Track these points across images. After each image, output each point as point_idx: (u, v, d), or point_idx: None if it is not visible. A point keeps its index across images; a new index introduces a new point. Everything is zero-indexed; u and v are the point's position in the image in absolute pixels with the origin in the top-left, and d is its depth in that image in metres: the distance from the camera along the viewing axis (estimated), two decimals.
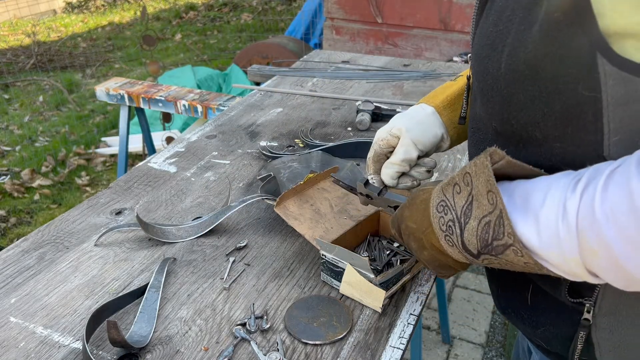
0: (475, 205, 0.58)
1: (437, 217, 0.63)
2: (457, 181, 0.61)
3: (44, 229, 1.07)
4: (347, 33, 3.48)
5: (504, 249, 0.56)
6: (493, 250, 0.58)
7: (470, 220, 0.59)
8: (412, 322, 0.85)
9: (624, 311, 0.61)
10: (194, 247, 1.02)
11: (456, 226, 0.61)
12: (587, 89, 0.53)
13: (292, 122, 1.56)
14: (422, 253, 0.70)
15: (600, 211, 0.48)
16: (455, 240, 0.61)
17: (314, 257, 1.00)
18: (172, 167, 1.31)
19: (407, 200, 0.74)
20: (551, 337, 0.69)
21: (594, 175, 0.51)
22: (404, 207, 0.73)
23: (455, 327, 2.27)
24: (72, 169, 3.51)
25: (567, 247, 0.51)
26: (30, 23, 7.02)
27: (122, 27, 7.07)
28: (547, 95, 0.56)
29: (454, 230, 0.61)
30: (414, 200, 0.71)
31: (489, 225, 0.57)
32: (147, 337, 0.80)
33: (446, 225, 0.62)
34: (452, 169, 1.30)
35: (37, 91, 4.81)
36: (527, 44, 0.55)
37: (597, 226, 0.48)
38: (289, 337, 0.82)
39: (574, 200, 0.50)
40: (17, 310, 0.87)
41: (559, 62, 0.54)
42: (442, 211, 0.62)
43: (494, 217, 0.56)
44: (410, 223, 0.70)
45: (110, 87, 2.14)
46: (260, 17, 6.79)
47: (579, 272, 0.53)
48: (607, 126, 0.53)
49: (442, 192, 0.63)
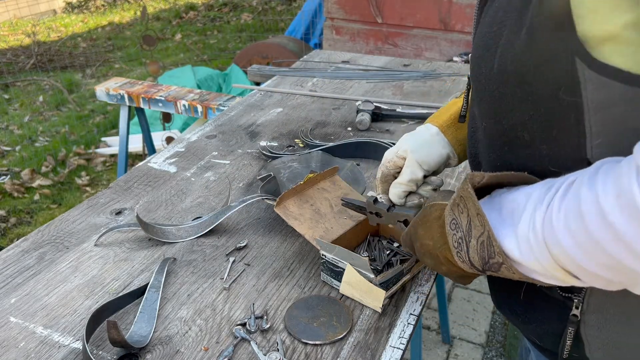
0: (473, 226, 0.61)
1: (451, 234, 0.65)
2: (457, 202, 0.63)
3: (44, 229, 1.07)
4: (347, 33, 3.48)
5: (499, 267, 0.59)
6: (491, 267, 0.60)
7: (472, 239, 0.61)
8: (412, 322, 0.85)
9: (611, 309, 0.61)
10: (194, 247, 1.02)
11: (463, 244, 0.63)
12: (568, 94, 0.54)
13: (292, 122, 1.56)
14: (440, 268, 0.71)
15: (556, 220, 0.51)
16: (464, 257, 0.64)
17: (314, 257, 1.00)
18: (172, 167, 1.31)
19: (418, 218, 0.74)
20: (543, 334, 0.70)
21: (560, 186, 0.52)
22: (416, 225, 0.74)
23: (455, 327, 2.27)
24: (72, 169, 3.51)
25: (540, 256, 0.54)
26: (30, 23, 7.02)
27: (122, 27, 7.07)
28: (533, 98, 0.57)
29: (462, 247, 0.63)
30: (426, 217, 0.72)
31: (483, 244, 0.60)
32: (147, 337, 0.80)
33: (457, 242, 0.64)
34: (452, 169, 1.30)
35: (37, 91, 4.81)
36: (516, 47, 0.56)
37: (555, 234, 0.51)
38: (289, 337, 0.82)
39: (541, 211, 0.53)
40: (17, 310, 0.87)
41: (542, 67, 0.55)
42: (455, 229, 0.64)
43: (485, 237, 0.59)
44: (426, 241, 0.71)
45: (110, 87, 2.14)
46: (260, 17, 6.79)
47: (561, 276, 0.54)
48: (589, 129, 0.54)
49: (451, 210, 0.64)
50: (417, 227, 0.73)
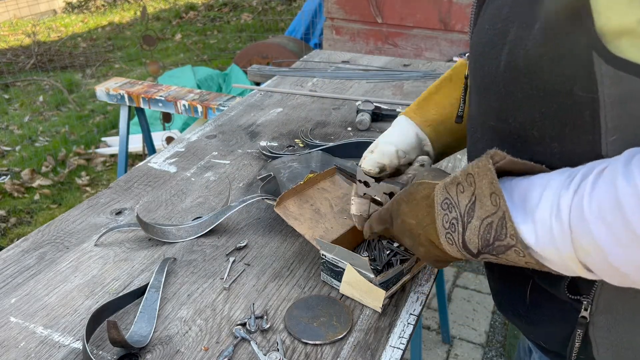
0: (478, 206, 0.59)
1: (442, 214, 0.64)
2: (460, 180, 0.61)
3: (44, 229, 1.07)
4: (347, 33, 3.48)
5: (506, 249, 0.57)
6: (494, 250, 0.59)
7: (473, 220, 0.59)
8: (412, 322, 0.85)
9: (621, 309, 0.61)
10: (194, 247, 1.02)
11: (459, 224, 0.61)
12: (584, 90, 0.53)
13: (292, 122, 1.56)
14: (417, 249, 0.71)
15: (589, 210, 0.49)
16: (456, 239, 0.62)
17: (314, 257, 1.00)
18: (172, 167, 1.31)
19: (403, 195, 0.72)
20: (549, 335, 0.69)
21: (587, 173, 0.51)
22: (400, 201, 0.72)
23: (455, 327, 2.28)
24: (72, 169, 3.51)
25: (561, 245, 0.52)
26: (30, 23, 7.02)
27: (122, 27, 7.07)
28: (545, 94, 0.56)
29: (457, 228, 0.62)
30: (413, 195, 0.70)
31: (490, 226, 0.58)
32: (147, 337, 0.80)
33: (449, 223, 0.63)
34: (452, 169, 1.30)
35: (37, 91, 4.81)
36: (527, 42, 0.55)
37: (586, 225, 0.49)
38: (289, 337, 0.82)
39: (567, 198, 0.51)
40: (17, 310, 0.87)
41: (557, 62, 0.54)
42: (447, 209, 0.63)
43: (497, 218, 0.57)
44: (409, 219, 0.70)
45: (110, 87, 2.14)
46: (260, 17, 6.79)
47: (576, 269, 0.53)
48: (605, 126, 0.53)
49: (445, 190, 0.63)
50: (400, 203, 0.72)
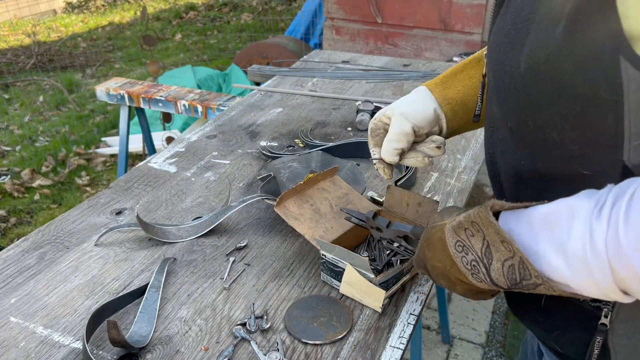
0: (494, 250, 0.58)
1: (459, 256, 0.62)
2: (466, 226, 0.60)
3: (44, 229, 1.07)
4: (347, 33, 3.47)
5: (535, 287, 0.56)
6: (524, 287, 0.57)
7: (494, 262, 0.58)
8: (412, 322, 0.85)
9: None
10: (194, 247, 1.02)
11: (480, 266, 0.60)
12: (609, 93, 0.51)
13: (292, 122, 1.56)
14: (455, 288, 0.68)
15: (626, 242, 0.47)
16: (484, 278, 0.61)
17: (314, 257, 1.00)
18: (172, 167, 1.31)
19: (424, 240, 0.71)
20: (566, 341, 0.68)
21: (617, 200, 0.49)
22: (423, 247, 0.71)
23: (455, 327, 2.27)
24: (72, 169, 3.51)
25: (600, 277, 0.50)
26: (31, 23, 7.02)
27: (122, 27, 7.07)
28: (567, 97, 0.54)
29: (479, 269, 0.60)
30: (430, 239, 0.69)
31: (513, 267, 0.56)
32: (147, 337, 0.80)
33: (470, 265, 0.61)
34: (452, 169, 1.30)
35: (37, 91, 4.81)
36: (549, 43, 0.54)
37: (626, 259, 0.47)
38: (289, 337, 0.82)
39: (601, 231, 0.49)
40: (17, 310, 0.87)
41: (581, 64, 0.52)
42: (462, 251, 0.61)
43: (516, 261, 0.56)
44: (435, 262, 0.68)
45: (111, 87, 2.14)
46: (260, 17, 6.79)
47: (615, 296, 0.52)
48: (628, 131, 0.52)
49: (454, 232, 0.62)
50: (424, 248, 0.71)
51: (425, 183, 1.24)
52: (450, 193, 1.20)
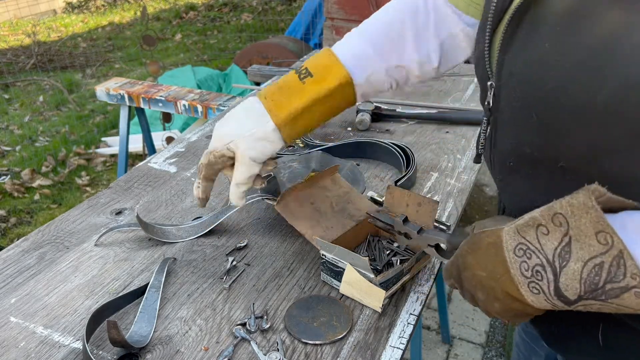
0: (577, 247, 0.52)
1: (518, 262, 0.57)
2: (541, 222, 0.54)
3: (44, 229, 1.07)
4: None
5: (622, 292, 0.51)
6: (604, 294, 0.52)
7: (570, 263, 0.53)
8: (412, 322, 0.85)
9: None
10: (194, 247, 1.02)
11: (547, 271, 0.55)
12: None
13: None
14: (492, 305, 0.63)
15: None
16: (545, 287, 0.55)
17: (314, 257, 1.00)
18: (172, 167, 1.31)
19: (467, 246, 0.66)
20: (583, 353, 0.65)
21: None
22: (465, 253, 0.66)
23: (455, 327, 2.28)
24: (72, 169, 3.51)
25: None
26: (31, 23, 7.02)
27: (122, 27, 7.07)
28: None
29: (544, 275, 0.55)
30: (477, 244, 0.63)
31: (600, 267, 0.51)
32: (147, 337, 0.80)
33: (532, 271, 0.56)
34: (452, 169, 1.30)
35: (37, 91, 4.81)
36: None
37: None
38: (289, 337, 0.82)
39: None
40: (17, 310, 0.87)
41: None
42: (523, 255, 0.56)
43: (609, 257, 0.50)
44: (478, 271, 0.63)
45: (111, 87, 2.14)
46: (260, 17, 6.79)
47: None
48: None
49: (517, 234, 0.57)
50: (465, 255, 0.65)
51: (425, 183, 1.24)
52: (451, 193, 1.20)
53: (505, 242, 0.58)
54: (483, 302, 0.65)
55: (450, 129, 1.50)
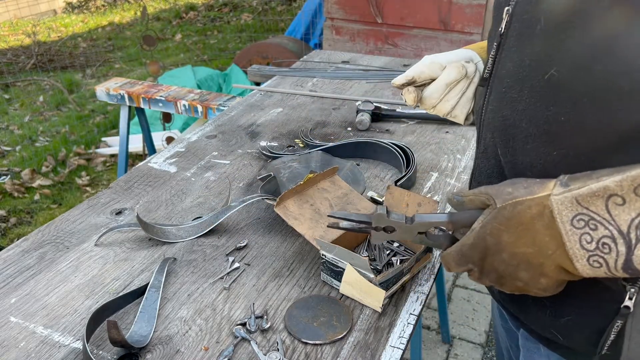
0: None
1: (577, 233, 0.52)
2: (616, 192, 0.50)
3: (44, 229, 1.07)
4: (347, 33, 3.47)
5: None
6: None
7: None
8: (412, 322, 0.85)
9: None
10: (194, 247, 1.02)
11: (618, 243, 0.51)
12: None
13: (292, 122, 1.56)
14: (537, 282, 0.58)
15: None
16: (612, 260, 0.51)
17: (314, 257, 1.00)
18: (172, 167, 1.31)
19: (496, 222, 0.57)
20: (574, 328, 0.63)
21: None
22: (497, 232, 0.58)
23: (455, 327, 2.28)
24: (72, 169, 3.51)
25: None
26: (31, 23, 7.02)
27: (122, 27, 7.07)
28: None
29: (614, 247, 0.51)
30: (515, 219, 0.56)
31: None
32: (147, 337, 0.81)
33: (598, 243, 0.51)
34: (452, 169, 1.30)
35: (37, 91, 4.81)
36: None
37: None
38: (289, 336, 0.82)
39: None
40: (17, 310, 0.87)
41: None
42: (585, 226, 0.52)
43: None
44: (522, 249, 0.56)
45: (111, 87, 2.14)
46: (260, 17, 6.79)
47: None
48: None
49: (577, 204, 0.52)
50: (498, 234, 0.58)
51: (425, 183, 1.24)
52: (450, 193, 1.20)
53: (557, 213, 0.52)
54: (525, 282, 0.59)
55: (450, 129, 1.50)
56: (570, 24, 0.56)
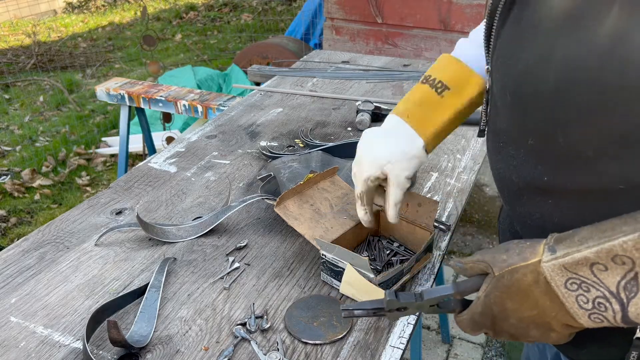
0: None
1: (573, 295, 0.54)
2: (596, 261, 0.51)
3: (44, 229, 1.07)
4: (347, 33, 3.47)
5: None
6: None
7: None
8: (412, 322, 0.85)
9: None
10: (194, 247, 1.02)
11: (612, 302, 0.52)
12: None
13: (292, 122, 1.57)
14: (549, 337, 0.60)
15: None
16: (611, 317, 0.53)
17: (314, 257, 1.00)
18: (172, 167, 1.31)
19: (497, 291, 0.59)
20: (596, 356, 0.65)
21: None
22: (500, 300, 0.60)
23: (455, 327, 2.27)
24: (72, 169, 3.51)
25: None
26: (31, 23, 7.02)
27: (122, 27, 7.07)
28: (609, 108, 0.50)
29: (609, 306, 0.52)
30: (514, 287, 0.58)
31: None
32: (147, 337, 0.81)
33: (593, 302, 0.53)
34: (452, 169, 1.30)
35: (37, 91, 4.81)
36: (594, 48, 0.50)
37: None
38: (289, 336, 0.82)
39: None
40: (17, 310, 0.87)
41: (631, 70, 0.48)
42: (579, 288, 0.53)
43: None
44: (526, 313, 0.58)
45: (111, 87, 2.14)
46: (260, 17, 6.79)
47: None
48: None
49: (565, 270, 0.53)
50: (502, 303, 0.60)
51: (425, 183, 1.24)
52: (450, 193, 1.20)
53: (551, 279, 0.54)
54: (537, 338, 0.61)
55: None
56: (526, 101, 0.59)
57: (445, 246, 1.03)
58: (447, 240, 1.05)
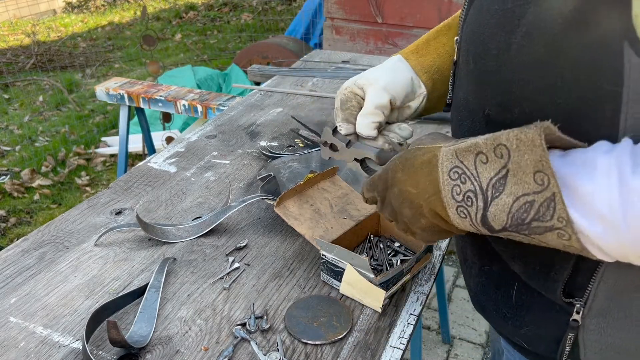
0: (512, 181, 0.52)
1: (450, 184, 0.57)
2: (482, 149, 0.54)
3: (44, 229, 1.07)
4: (347, 33, 3.47)
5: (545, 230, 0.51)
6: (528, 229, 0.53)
7: (502, 196, 0.53)
8: (412, 322, 0.85)
9: (614, 313, 0.59)
10: (194, 247, 1.02)
11: (478, 198, 0.55)
12: (609, 82, 0.49)
13: (292, 122, 1.56)
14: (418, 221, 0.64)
15: None
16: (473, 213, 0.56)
17: (314, 257, 1.00)
18: (172, 167, 1.31)
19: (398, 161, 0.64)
20: (535, 338, 0.67)
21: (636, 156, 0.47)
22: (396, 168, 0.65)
23: (455, 327, 2.27)
24: (72, 169, 3.51)
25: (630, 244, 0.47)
26: (30, 23, 7.02)
27: (122, 27, 7.07)
28: (564, 84, 0.52)
29: (475, 202, 0.55)
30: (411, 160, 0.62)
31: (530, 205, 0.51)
32: (147, 337, 0.80)
33: (463, 195, 0.56)
34: None
35: (37, 91, 4.81)
36: (551, 25, 0.51)
37: None
38: (289, 337, 0.82)
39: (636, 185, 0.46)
40: (17, 310, 0.87)
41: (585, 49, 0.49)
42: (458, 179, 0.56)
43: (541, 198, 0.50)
44: (407, 187, 0.62)
45: (110, 87, 2.14)
46: (260, 17, 6.79)
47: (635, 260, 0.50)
48: (624, 122, 0.50)
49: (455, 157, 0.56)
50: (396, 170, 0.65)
51: None
52: None
53: (440, 163, 0.58)
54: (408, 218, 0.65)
55: (450, 129, 1.50)
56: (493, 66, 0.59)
57: (445, 246, 1.03)
58: (448, 240, 1.05)
